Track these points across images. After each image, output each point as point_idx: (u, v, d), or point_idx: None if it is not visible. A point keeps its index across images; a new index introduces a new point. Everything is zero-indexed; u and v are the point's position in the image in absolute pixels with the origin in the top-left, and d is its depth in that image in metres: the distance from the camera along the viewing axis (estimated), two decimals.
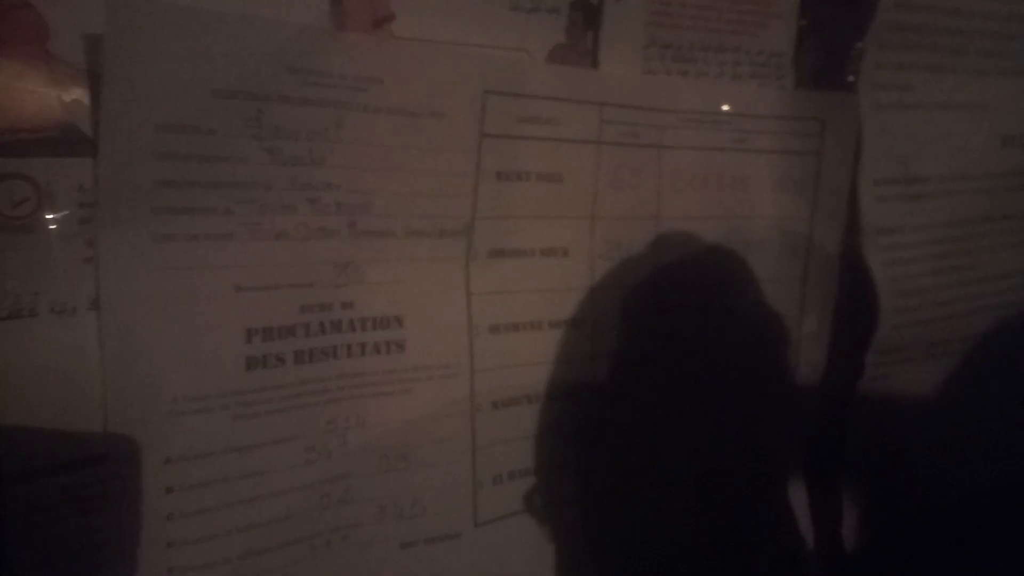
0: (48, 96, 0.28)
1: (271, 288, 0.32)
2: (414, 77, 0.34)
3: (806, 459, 0.50)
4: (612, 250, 0.42)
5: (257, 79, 0.31)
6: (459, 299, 0.38)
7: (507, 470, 0.40)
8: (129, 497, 0.30)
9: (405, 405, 0.36)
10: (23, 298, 0.28)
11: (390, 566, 0.37)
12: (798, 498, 0.49)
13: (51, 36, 0.28)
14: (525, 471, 0.40)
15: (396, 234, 0.35)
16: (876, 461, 0.51)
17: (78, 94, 0.29)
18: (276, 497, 0.33)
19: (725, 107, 0.43)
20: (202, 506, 0.31)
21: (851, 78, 0.46)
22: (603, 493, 0.43)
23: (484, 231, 0.38)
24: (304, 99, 0.32)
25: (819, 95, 0.45)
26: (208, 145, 0.30)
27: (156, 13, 0.29)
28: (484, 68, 0.36)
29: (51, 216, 0.29)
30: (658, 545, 0.45)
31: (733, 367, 0.46)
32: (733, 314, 0.46)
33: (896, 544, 0.52)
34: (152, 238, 0.30)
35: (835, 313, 0.48)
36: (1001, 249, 0.53)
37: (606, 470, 0.43)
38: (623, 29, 0.40)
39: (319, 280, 0.34)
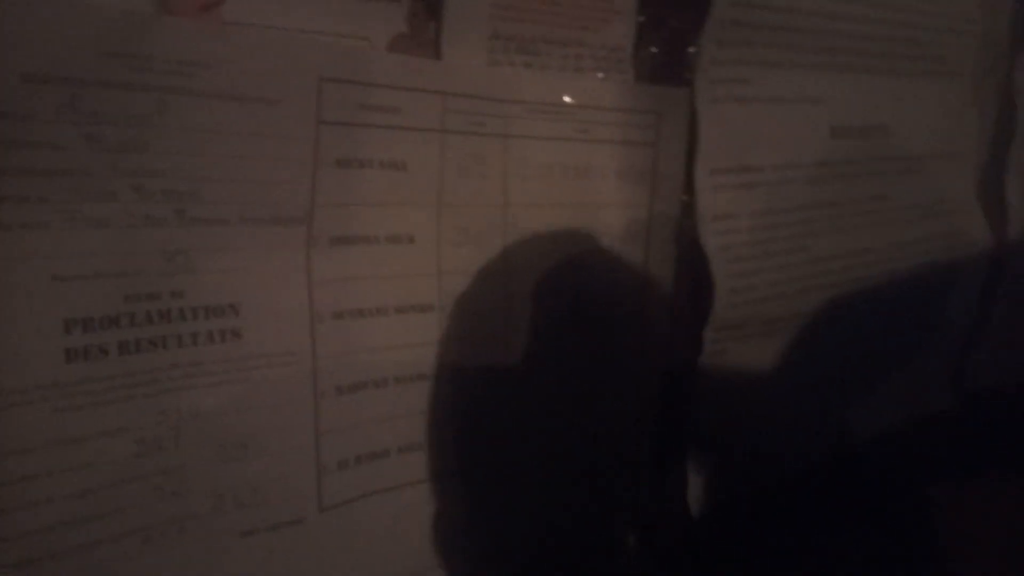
0: None
1: (92, 277, 0.31)
2: (244, 62, 0.34)
3: (652, 432, 0.52)
4: (460, 236, 0.43)
5: (73, 64, 0.30)
6: (299, 286, 0.37)
7: (353, 454, 0.40)
8: None
9: (243, 393, 0.36)
10: None
11: (231, 555, 0.36)
12: (644, 470, 0.52)
13: None
14: (372, 454, 0.41)
15: (230, 221, 0.35)
16: (717, 434, 0.54)
17: None
18: (106, 490, 0.33)
19: (568, 99, 0.45)
20: (22, 502, 0.30)
21: (688, 74, 0.48)
22: (452, 474, 0.44)
23: (325, 218, 0.38)
24: (125, 84, 0.31)
25: (655, 89, 0.47)
26: (19, 131, 0.29)
27: None
28: (320, 55, 0.36)
29: None
30: (508, 525, 0.47)
31: (580, 347, 0.48)
32: (580, 296, 0.48)
33: (736, 514, 0.56)
34: None
35: (677, 294, 0.51)
36: (830, 233, 0.57)
37: (455, 451, 0.44)
38: (466, 20, 0.41)
39: (145, 269, 0.33)
